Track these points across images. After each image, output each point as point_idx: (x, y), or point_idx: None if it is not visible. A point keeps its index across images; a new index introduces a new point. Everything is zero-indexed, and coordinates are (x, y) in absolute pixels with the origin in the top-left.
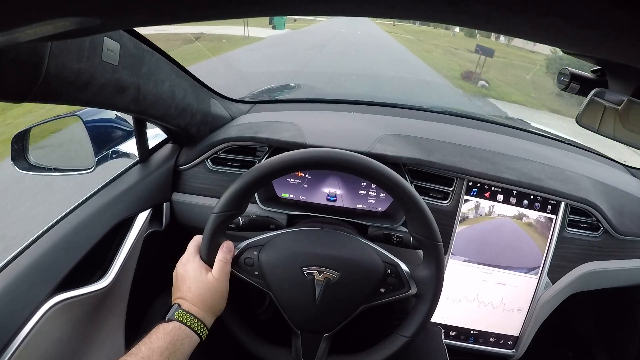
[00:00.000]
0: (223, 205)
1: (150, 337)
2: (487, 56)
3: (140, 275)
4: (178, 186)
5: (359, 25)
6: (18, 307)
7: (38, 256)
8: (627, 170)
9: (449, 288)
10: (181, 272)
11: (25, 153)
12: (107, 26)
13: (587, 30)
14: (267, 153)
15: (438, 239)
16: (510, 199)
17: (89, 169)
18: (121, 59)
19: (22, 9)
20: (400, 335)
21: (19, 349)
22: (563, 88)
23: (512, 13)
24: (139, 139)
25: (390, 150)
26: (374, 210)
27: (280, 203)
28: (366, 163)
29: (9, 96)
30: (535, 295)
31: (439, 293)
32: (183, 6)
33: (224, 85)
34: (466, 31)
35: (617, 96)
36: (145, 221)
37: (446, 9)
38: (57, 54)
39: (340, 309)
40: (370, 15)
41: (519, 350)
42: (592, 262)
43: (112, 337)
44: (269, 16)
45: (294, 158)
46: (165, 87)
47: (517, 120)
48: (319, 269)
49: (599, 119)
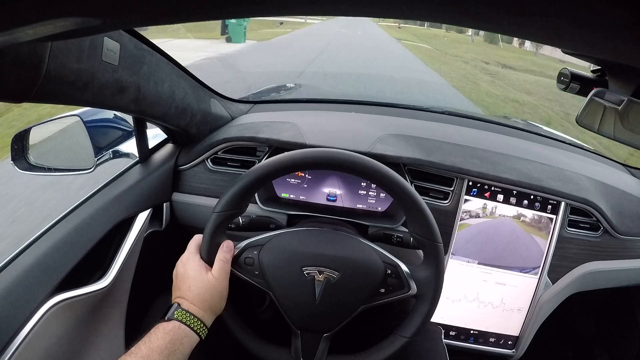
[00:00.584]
0: (224, 204)
1: (150, 336)
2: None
3: (140, 275)
4: (178, 186)
5: (356, 36)
6: (18, 307)
7: (38, 256)
8: (627, 170)
9: (449, 288)
10: (181, 272)
11: (25, 153)
12: (107, 26)
13: (587, 31)
14: (267, 153)
15: (438, 239)
16: (511, 199)
17: (88, 169)
18: (121, 59)
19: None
20: (400, 336)
21: (19, 348)
22: (563, 88)
23: (513, 13)
24: (139, 139)
25: (390, 150)
26: (374, 210)
27: (280, 203)
28: (366, 163)
29: (9, 96)
30: (536, 295)
31: (439, 294)
32: (183, 6)
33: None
34: (486, 36)
35: (617, 96)
36: (146, 221)
37: (446, 9)
38: (57, 54)
39: (340, 309)
40: (370, 15)
41: (519, 350)
42: (592, 262)
43: (112, 337)
44: (270, 16)
45: (294, 158)
46: (165, 87)
47: (517, 121)
48: (319, 269)
49: (599, 119)
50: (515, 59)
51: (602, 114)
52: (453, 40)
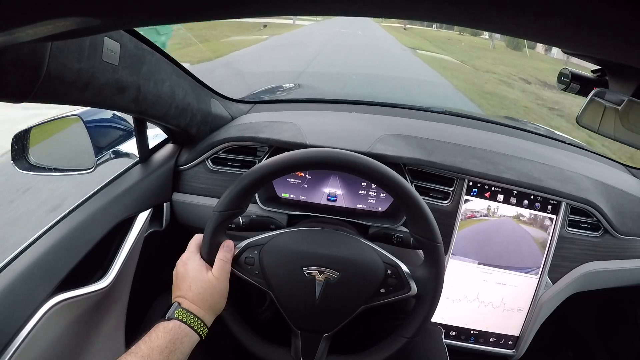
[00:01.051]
0: (224, 204)
1: (150, 335)
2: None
3: (140, 275)
4: (178, 186)
5: (359, 43)
6: (18, 307)
7: (38, 256)
8: (627, 170)
9: (449, 288)
10: (181, 271)
11: (25, 153)
12: (108, 26)
13: (588, 31)
14: (268, 153)
15: (439, 240)
16: (511, 199)
17: (89, 169)
18: (121, 59)
19: (22, 9)
20: (400, 336)
21: (20, 349)
22: (564, 88)
23: (513, 13)
24: (139, 139)
25: (390, 150)
26: (374, 210)
27: (280, 203)
28: (367, 163)
29: (9, 96)
30: (536, 295)
31: (439, 294)
32: (183, 6)
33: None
34: (508, 41)
35: (618, 96)
36: (146, 221)
37: (446, 9)
38: (57, 54)
39: (340, 309)
40: (370, 15)
41: (519, 350)
42: (593, 262)
43: (112, 337)
44: (270, 16)
45: (295, 158)
46: (165, 87)
47: (518, 121)
48: (319, 269)
49: (599, 119)
50: (551, 72)
51: (603, 114)
52: (472, 46)
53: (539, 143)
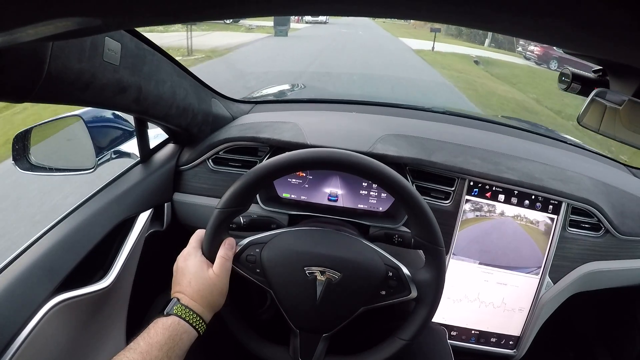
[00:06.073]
0: (227, 201)
1: (149, 331)
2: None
3: (141, 275)
4: (179, 186)
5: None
6: (19, 307)
7: (39, 256)
8: (628, 170)
9: (450, 288)
10: (182, 266)
11: (26, 153)
12: (108, 26)
13: (588, 31)
14: (269, 153)
15: (440, 243)
16: (512, 199)
17: (90, 169)
18: (122, 59)
19: (23, 9)
20: (398, 338)
21: (20, 349)
22: (564, 88)
23: (513, 13)
24: (140, 139)
25: (391, 151)
26: (375, 210)
27: (281, 203)
28: (368, 163)
29: (10, 96)
30: (537, 296)
31: (439, 297)
32: (184, 6)
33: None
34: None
35: (619, 96)
36: (147, 221)
37: (446, 9)
38: (58, 54)
39: (340, 310)
40: (370, 15)
41: (520, 351)
42: (594, 262)
43: (113, 337)
44: (270, 16)
45: (298, 157)
46: (166, 87)
47: (518, 121)
48: (321, 269)
49: (600, 119)
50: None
51: (604, 114)
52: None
53: (539, 143)
